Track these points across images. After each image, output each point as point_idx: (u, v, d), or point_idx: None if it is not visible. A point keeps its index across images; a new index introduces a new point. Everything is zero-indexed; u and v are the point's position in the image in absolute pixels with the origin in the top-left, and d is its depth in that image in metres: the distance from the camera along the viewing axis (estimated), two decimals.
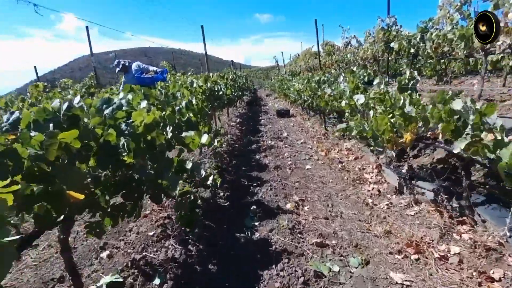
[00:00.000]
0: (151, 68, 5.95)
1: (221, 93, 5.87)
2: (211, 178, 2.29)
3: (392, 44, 5.51)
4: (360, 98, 3.27)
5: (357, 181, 3.38)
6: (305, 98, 6.37)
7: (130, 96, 1.83)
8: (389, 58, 5.80)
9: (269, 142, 5.52)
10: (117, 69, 6.04)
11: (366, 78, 4.15)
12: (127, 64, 6.02)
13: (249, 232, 2.36)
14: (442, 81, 8.50)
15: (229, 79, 8.50)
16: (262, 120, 8.55)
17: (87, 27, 8.23)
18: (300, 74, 18.69)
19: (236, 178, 3.69)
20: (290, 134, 6.35)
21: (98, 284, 1.76)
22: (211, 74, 5.61)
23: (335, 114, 5.91)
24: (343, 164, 4.00)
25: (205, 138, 1.98)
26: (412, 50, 5.04)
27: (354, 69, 4.49)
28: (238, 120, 8.39)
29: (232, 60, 12.72)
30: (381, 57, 5.85)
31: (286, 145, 5.25)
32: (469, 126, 1.92)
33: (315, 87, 6.08)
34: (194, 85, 4.08)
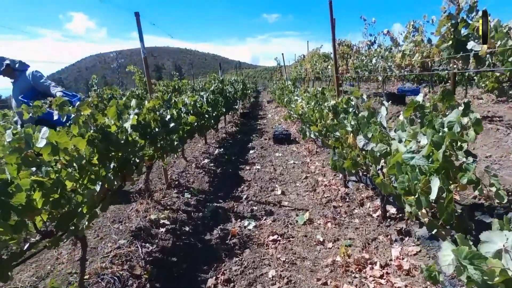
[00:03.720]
0: (55, 90, 3.43)
1: (172, 125, 3.50)
2: None
3: (471, 45, 3.02)
4: None
5: None
6: (315, 134, 3.89)
7: None
8: (460, 69, 3.28)
9: (246, 223, 3.05)
10: None
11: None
12: (16, 66, 3.46)
13: None
14: (506, 95, 5.97)
15: (207, 94, 6.09)
16: (251, 151, 6.09)
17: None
18: (306, 80, 16.17)
19: None
20: (288, 192, 3.89)
21: None
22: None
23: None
24: None
25: None
26: None
27: (422, 106, 1.99)
28: (217, 152, 5.95)
29: (220, 64, 10.28)
30: (446, 65, 3.37)
31: (275, 235, 2.78)
32: None
33: (329, 116, 3.63)
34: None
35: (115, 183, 2.26)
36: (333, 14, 3.42)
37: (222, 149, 6.15)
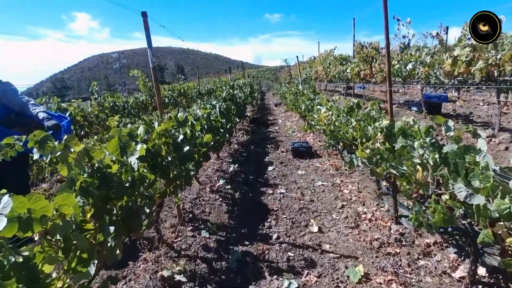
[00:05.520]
0: (35, 110, 2.58)
1: (186, 148, 2.88)
2: None
3: None
4: None
5: None
6: (362, 161, 3.19)
7: None
8: None
9: (285, 283, 2.35)
10: None
11: None
12: None
13: None
14: None
15: (220, 103, 5.45)
16: (270, 168, 5.42)
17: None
18: (317, 82, 15.48)
19: None
20: (325, 228, 3.21)
21: None
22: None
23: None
24: None
25: None
26: None
27: None
28: (231, 169, 5.29)
29: (229, 68, 9.63)
30: None
31: None
32: None
33: (377, 138, 2.95)
34: None
35: (117, 252, 1.61)
36: (387, 13, 2.75)
37: (236, 165, 5.49)
